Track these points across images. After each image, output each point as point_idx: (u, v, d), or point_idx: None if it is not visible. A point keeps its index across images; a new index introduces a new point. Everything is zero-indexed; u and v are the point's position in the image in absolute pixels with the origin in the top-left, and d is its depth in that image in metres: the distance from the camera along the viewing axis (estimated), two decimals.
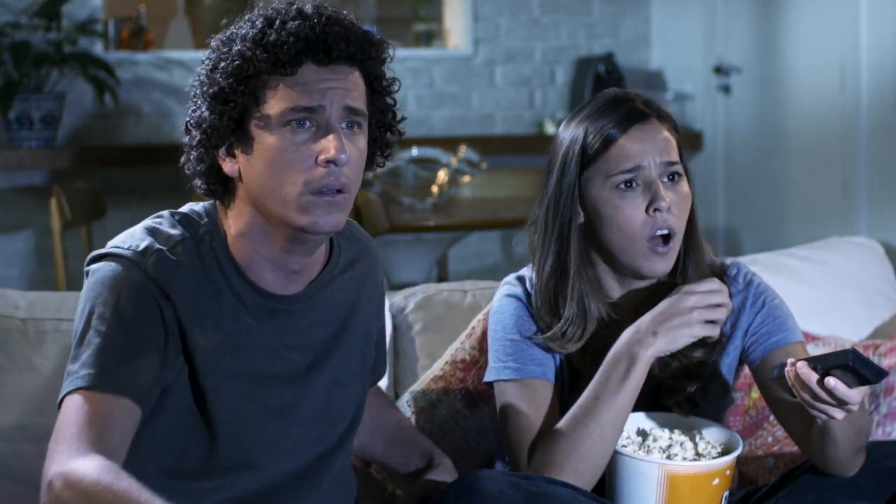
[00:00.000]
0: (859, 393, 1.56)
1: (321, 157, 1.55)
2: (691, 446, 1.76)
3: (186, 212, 1.66)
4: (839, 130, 4.29)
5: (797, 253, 2.62)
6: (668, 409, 1.85)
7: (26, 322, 2.09)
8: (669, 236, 1.78)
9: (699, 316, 1.72)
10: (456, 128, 5.46)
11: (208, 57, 1.61)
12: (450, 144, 4.33)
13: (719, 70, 5.07)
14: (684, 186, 1.81)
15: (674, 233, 1.78)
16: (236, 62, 1.56)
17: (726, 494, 1.74)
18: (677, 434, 1.79)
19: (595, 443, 1.71)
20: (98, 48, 5.03)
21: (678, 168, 1.80)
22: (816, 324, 2.37)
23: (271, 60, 1.55)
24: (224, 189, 1.64)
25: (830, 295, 2.50)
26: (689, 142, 5.07)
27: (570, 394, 1.84)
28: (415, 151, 4.13)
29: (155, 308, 1.56)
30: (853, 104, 4.20)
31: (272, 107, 1.56)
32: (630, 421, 1.79)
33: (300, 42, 1.55)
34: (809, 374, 1.57)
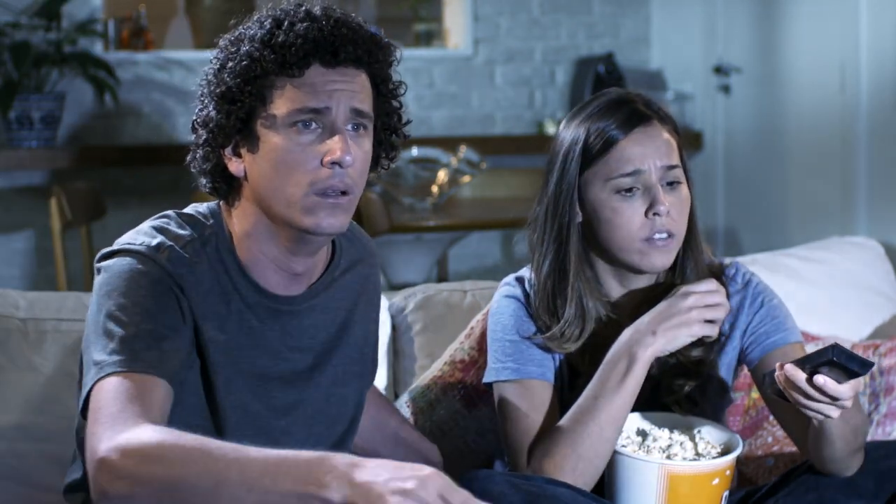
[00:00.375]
0: (850, 387, 1.56)
1: (326, 159, 1.56)
2: (691, 446, 1.76)
3: (192, 213, 1.66)
4: (839, 130, 4.29)
5: (797, 253, 2.62)
6: (668, 409, 1.85)
7: (26, 322, 2.09)
8: (668, 237, 1.78)
9: (698, 315, 1.72)
10: (456, 128, 5.46)
11: (216, 56, 1.61)
12: (450, 144, 4.33)
13: (719, 70, 5.07)
14: (683, 189, 1.81)
15: (672, 235, 1.78)
16: (244, 62, 1.56)
17: (726, 494, 1.74)
18: (677, 434, 1.79)
19: (594, 443, 1.71)
20: (98, 48, 5.03)
21: (678, 172, 1.80)
22: (816, 324, 2.37)
23: (279, 61, 1.56)
24: (229, 188, 1.64)
25: (830, 295, 2.50)
26: (689, 142, 5.07)
27: (569, 393, 1.84)
28: (415, 151, 4.13)
29: (173, 298, 1.56)
30: (853, 104, 4.20)
31: (279, 107, 1.56)
32: (630, 421, 1.79)
33: (308, 44, 1.56)
34: (798, 375, 1.57)
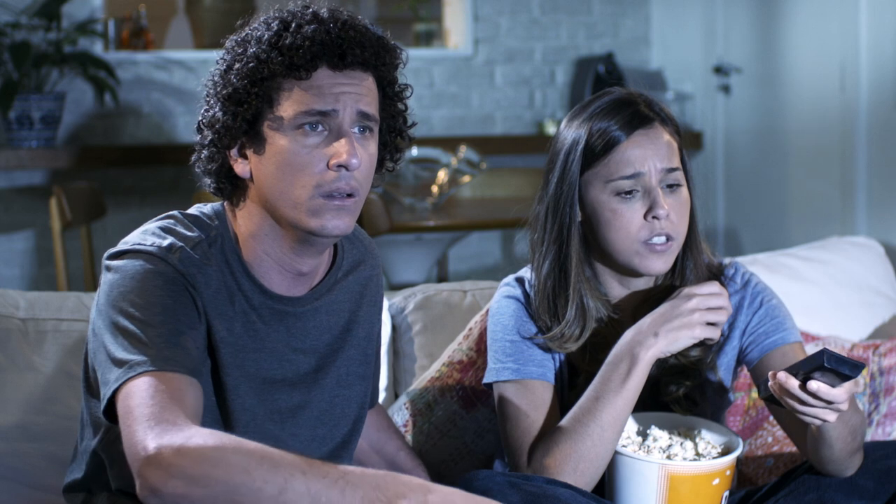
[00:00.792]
0: (845, 390, 1.56)
1: (332, 161, 1.56)
2: (691, 446, 1.76)
3: (197, 214, 1.66)
4: (839, 130, 4.29)
5: (797, 253, 2.62)
6: (669, 409, 1.85)
7: (26, 322, 2.09)
8: (667, 241, 1.78)
9: (700, 318, 1.72)
10: (456, 128, 5.46)
11: (222, 58, 1.61)
12: (450, 144, 4.33)
13: (719, 70, 5.07)
14: (684, 192, 1.80)
15: (672, 238, 1.78)
16: (251, 64, 1.56)
17: (726, 494, 1.74)
18: (677, 434, 1.79)
19: (595, 443, 1.71)
20: (98, 48, 5.02)
21: (678, 175, 1.80)
22: (816, 324, 2.37)
23: (286, 63, 1.56)
24: (233, 189, 1.64)
25: (830, 295, 2.50)
26: (689, 142, 5.08)
27: (569, 393, 1.84)
28: (415, 151, 4.12)
29: (188, 296, 1.56)
30: (853, 104, 4.20)
31: (285, 109, 1.56)
32: (630, 421, 1.79)
33: (316, 46, 1.56)
34: (791, 383, 1.57)
